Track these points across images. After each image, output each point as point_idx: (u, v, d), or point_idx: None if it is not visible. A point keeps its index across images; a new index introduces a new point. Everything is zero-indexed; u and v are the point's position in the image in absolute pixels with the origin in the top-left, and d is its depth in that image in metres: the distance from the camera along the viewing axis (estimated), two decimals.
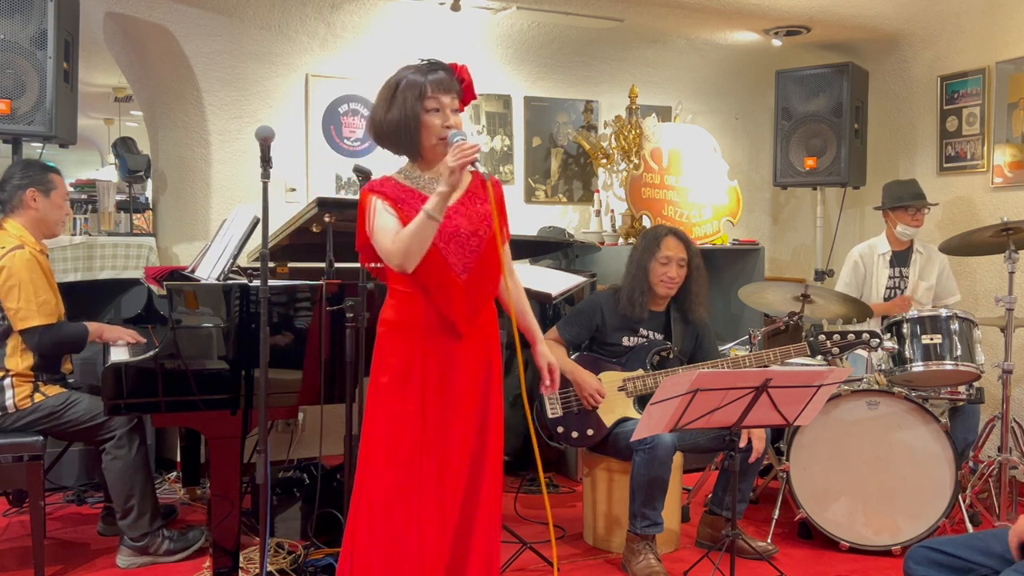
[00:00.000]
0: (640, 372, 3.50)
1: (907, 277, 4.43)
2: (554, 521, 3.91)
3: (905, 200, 4.34)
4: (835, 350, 3.38)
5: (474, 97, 2.51)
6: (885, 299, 4.44)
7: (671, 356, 3.56)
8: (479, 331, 2.48)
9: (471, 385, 2.47)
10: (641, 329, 3.59)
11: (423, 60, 2.47)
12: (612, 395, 3.47)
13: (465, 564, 2.44)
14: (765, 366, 3.49)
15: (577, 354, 3.60)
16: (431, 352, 2.43)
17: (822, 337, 3.38)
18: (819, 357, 3.50)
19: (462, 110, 2.49)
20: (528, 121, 5.31)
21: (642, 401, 3.48)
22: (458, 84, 2.45)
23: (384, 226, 2.39)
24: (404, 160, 2.53)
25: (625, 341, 3.58)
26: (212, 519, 2.98)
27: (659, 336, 3.60)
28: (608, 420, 3.46)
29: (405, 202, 2.41)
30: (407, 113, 2.40)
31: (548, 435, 3.52)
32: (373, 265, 2.51)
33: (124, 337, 3.46)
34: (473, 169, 2.33)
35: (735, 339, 4.40)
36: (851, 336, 3.38)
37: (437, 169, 2.46)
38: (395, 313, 2.47)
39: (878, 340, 3.38)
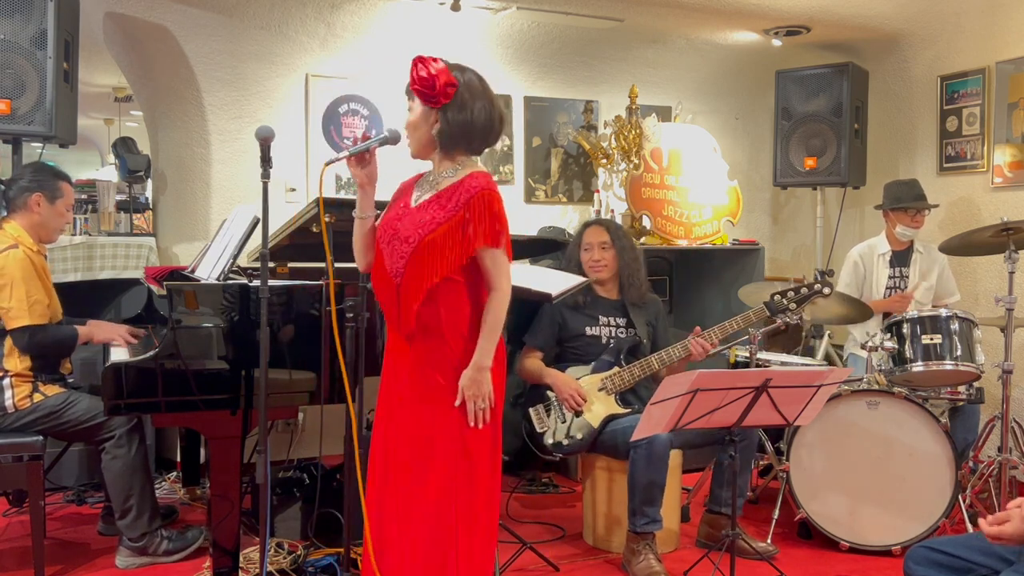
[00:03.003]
0: (616, 369, 3.55)
1: (907, 277, 4.42)
2: (554, 521, 3.92)
3: (905, 201, 4.33)
4: (792, 306, 3.42)
5: (421, 84, 2.37)
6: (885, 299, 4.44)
7: (639, 346, 3.62)
8: (427, 337, 2.41)
9: (412, 391, 2.43)
10: (600, 316, 3.66)
11: None
12: (594, 396, 3.51)
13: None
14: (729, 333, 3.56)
15: (557, 365, 3.63)
16: (388, 353, 2.52)
17: (777, 297, 3.45)
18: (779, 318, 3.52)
19: (425, 103, 2.40)
20: (528, 121, 5.31)
21: (624, 396, 3.54)
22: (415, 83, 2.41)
23: None
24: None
25: (588, 330, 3.64)
26: (212, 519, 2.98)
27: (620, 322, 3.67)
28: (595, 421, 3.48)
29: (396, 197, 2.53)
30: None
31: (541, 450, 3.53)
32: None
33: (116, 339, 3.41)
34: (360, 151, 2.42)
35: (735, 339, 4.40)
36: (804, 290, 3.44)
37: (435, 162, 2.51)
38: None
39: (830, 288, 3.45)
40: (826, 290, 3.41)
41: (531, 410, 3.55)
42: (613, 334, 3.65)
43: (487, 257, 2.40)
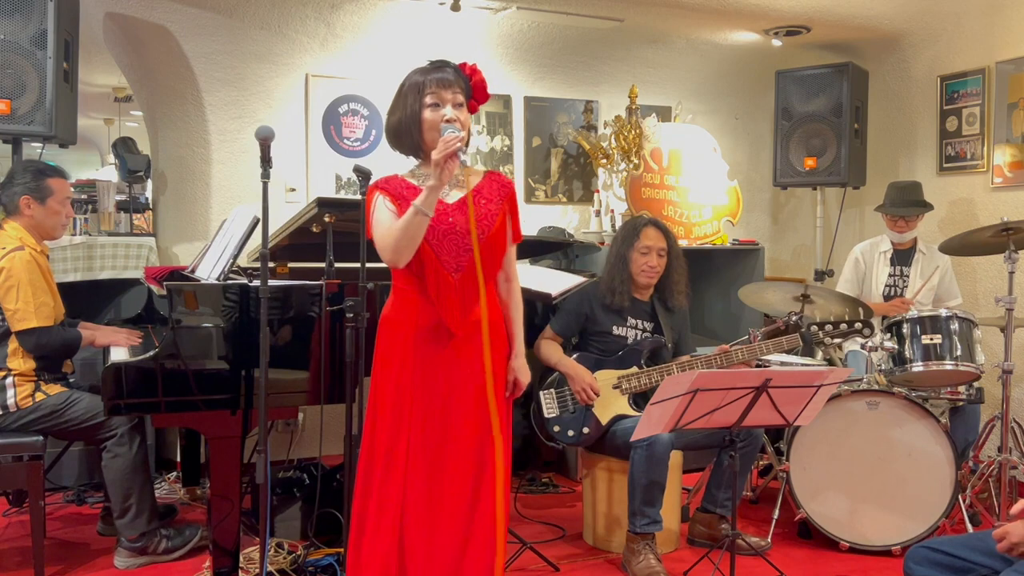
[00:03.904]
0: (634, 369, 3.52)
1: (907, 276, 4.43)
2: (554, 521, 3.92)
3: (896, 206, 4.36)
4: (827, 340, 3.39)
5: (486, 97, 2.54)
6: (884, 296, 4.45)
7: (662, 350, 3.60)
8: (475, 330, 2.47)
9: (469, 386, 2.45)
10: (629, 318, 3.62)
11: (430, 62, 2.49)
12: (607, 393, 3.49)
13: (461, 567, 2.43)
14: (759, 358, 3.51)
15: (577, 354, 3.60)
16: (425, 352, 2.45)
17: (815, 328, 3.40)
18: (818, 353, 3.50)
19: (475, 110, 2.53)
20: (528, 121, 5.31)
21: (637, 398, 3.52)
22: (464, 82, 2.47)
23: (380, 220, 2.43)
24: (414, 162, 2.56)
25: (615, 330, 3.61)
26: (212, 519, 2.98)
27: (647, 325, 3.63)
28: (604, 418, 3.47)
29: (406, 199, 2.40)
30: (408, 112, 2.45)
31: (545, 435, 3.53)
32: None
33: (118, 341, 3.43)
34: (461, 159, 2.30)
35: (735, 339, 4.40)
36: (843, 326, 3.38)
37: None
38: (393, 311, 2.51)
39: (871, 329, 3.39)
40: (866, 331, 3.38)
41: (542, 393, 3.54)
42: (639, 337, 3.62)
43: (512, 249, 2.59)
